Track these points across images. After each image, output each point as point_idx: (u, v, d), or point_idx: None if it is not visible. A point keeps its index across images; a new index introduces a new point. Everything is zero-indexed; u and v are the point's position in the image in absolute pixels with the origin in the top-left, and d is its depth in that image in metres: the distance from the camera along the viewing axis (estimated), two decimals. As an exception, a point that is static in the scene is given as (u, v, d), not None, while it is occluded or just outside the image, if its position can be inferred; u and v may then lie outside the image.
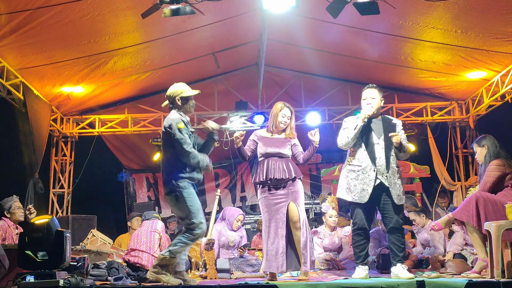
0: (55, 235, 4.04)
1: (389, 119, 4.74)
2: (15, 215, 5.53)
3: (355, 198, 4.50)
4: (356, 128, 4.52)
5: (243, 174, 10.78)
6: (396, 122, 4.74)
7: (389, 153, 4.54)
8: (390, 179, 4.47)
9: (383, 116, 4.72)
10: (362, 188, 4.47)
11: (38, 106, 7.64)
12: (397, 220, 4.46)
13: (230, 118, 9.25)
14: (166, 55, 7.72)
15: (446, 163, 9.14)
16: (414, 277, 4.13)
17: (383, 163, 4.49)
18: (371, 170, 4.47)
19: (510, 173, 4.51)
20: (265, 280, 4.51)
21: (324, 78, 9.00)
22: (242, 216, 6.39)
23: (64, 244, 4.04)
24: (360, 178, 4.50)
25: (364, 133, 4.57)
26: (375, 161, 4.49)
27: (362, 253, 4.54)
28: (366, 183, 4.47)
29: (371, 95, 4.61)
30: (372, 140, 4.56)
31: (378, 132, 4.59)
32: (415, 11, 6.17)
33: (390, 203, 4.47)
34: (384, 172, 4.48)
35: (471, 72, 7.73)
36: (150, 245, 5.08)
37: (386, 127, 4.61)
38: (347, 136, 4.56)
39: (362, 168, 4.50)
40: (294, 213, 4.52)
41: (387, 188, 4.46)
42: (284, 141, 4.73)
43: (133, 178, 10.79)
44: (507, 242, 4.02)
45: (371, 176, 4.46)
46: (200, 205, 4.23)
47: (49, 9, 5.59)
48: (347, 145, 4.60)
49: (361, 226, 4.55)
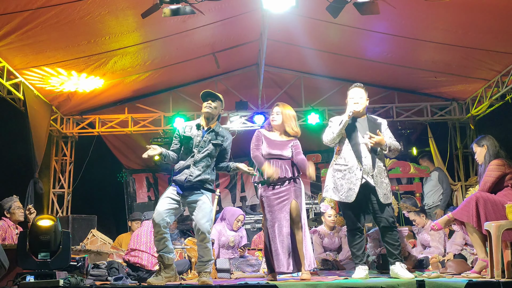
0: (62, 236, 4.05)
1: (374, 119, 4.75)
2: (15, 215, 5.53)
3: (342, 197, 4.50)
4: (341, 124, 4.52)
5: (243, 174, 10.77)
6: (381, 122, 4.74)
7: (375, 152, 4.55)
8: (377, 178, 4.47)
9: (368, 115, 4.74)
10: (348, 188, 4.47)
11: (38, 106, 7.64)
12: (387, 219, 4.44)
13: (230, 118, 9.26)
14: (166, 55, 7.72)
15: (446, 163, 9.15)
16: (414, 277, 4.13)
17: (369, 162, 4.48)
18: (357, 169, 4.47)
19: (510, 173, 4.51)
20: (266, 279, 4.51)
21: (324, 78, 9.00)
22: (242, 216, 6.40)
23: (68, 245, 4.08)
24: (346, 178, 4.50)
25: (349, 133, 4.58)
26: (361, 160, 4.49)
27: (359, 252, 4.54)
28: (353, 182, 4.46)
29: (359, 95, 4.63)
30: (358, 140, 4.56)
31: (363, 131, 4.59)
32: (415, 11, 6.17)
33: (377, 202, 4.47)
34: (370, 171, 4.47)
35: (471, 72, 7.73)
36: (150, 245, 5.08)
37: (371, 126, 4.62)
38: (332, 131, 4.58)
39: (348, 168, 4.50)
40: (296, 212, 4.52)
41: (373, 187, 4.46)
42: (286, 143, 4.75)
43: (133, 178, 10.80)
44: (507, 242, 4.02)
45: (358, 175, 4.46)
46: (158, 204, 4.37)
47: (49, 9, 5.59)
48: (332, 141, 4.61)
49: (353, 226, 4.57)
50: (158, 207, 4.30)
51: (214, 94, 4.49)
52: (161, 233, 4.28)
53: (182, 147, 4.49)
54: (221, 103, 4.55)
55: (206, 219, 4.31)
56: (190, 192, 4.37)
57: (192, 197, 4.36)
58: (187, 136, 4.45)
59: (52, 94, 7.98)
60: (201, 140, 4.41)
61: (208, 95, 4.48)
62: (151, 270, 4.95)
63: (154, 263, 4.98)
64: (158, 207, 4.30)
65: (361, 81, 4.99)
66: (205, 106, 4.45)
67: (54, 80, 7.46)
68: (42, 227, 4.03)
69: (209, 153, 4.41)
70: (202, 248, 4.33)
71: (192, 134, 4.45)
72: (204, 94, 4.49)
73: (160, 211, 4.27)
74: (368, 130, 4.57)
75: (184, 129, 4.51)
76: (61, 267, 4.01)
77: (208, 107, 4.44)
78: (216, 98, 4.48)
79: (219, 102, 4.51)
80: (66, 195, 9.27)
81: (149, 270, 4.97)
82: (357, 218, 4.56)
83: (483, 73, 7.76)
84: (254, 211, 9.80)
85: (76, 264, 4.68)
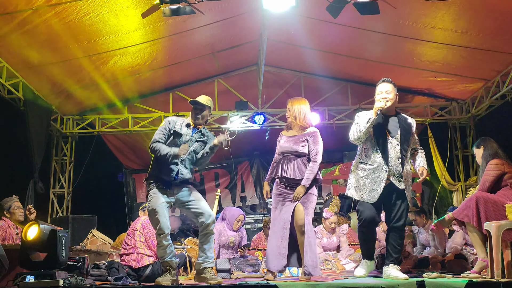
0: (50, 236, 4.01)
1: (405, 118, 4.48)
2: (14, 215, 5.52)
3: (363, 197, 4.32)
4: (368, 122, 4.26)
5: (243, 174, 10.78)
6: (411, 122, 4.49)
7: (403, 153, 4.32)
8: (403, 181, 4.30)
9: (398, 113, 4.48)
10: (371, 188, 4.28)
11: (38, 106, 7.64)
12: (403, 222, 4.34)
13: (230, 118, 9.25)
14: (166, 55, 7.73)
15: (446, 163, 9.15)
16: (408, 278, 4.11)
17: (396, 163, 4.28)
18: (382, 170, 4.27)
19: (508, 172, 4.50)
20: (264, 276, 4.51)
21: (324, 78, 9.00)
22: (242, 216, 6.39)
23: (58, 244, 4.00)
24: (370, 178, 4.30)
25: (377, 131, 4.34)
26: (387, 160, 4.27)
27: (367, 246, 4.45)
28: (377, 183, 4.27)
29: (386, 89, 4.36)
30: (386, 139, 4.33)
31: (392, 130, 4.35)
32: (415, 11, 6.17)
33: (400, 204, 4.32)
34: (395, 173, 4.28)
35: (471, 72, 7.73)
36: (132, 244, 5.06)
37: (401, 125, 4.38)
38: (359, 130, 4.31)
39: (373, 168, 4.29)
40: (300, 216, 4.45)
41: (401, 190, 4.30)
42: (299, 137, 4.61)
43: (133, 178, 10.80)
44: (507, 242, 4.01)
45: (382, 176, 4.26)
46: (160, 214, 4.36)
47: (49, 9, 5.60)
48: (358, 139, 4.36)
49: (368, 221, 4.35)
50: (162, 218, 4.28)
51: (201, 105, 4.48)
52: (168, 239, 4.33)
53: (168, 141, 4.48)
54: (210, 109, 4.55)
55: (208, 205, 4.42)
56: (179, 188, 4.39)
57: (183, 193, 4.39)
58: (178, 132, 4.46)
59: (52, 94, 7.98)
60: (190, 139, 4.45)
61: (196, 104, 4.49)
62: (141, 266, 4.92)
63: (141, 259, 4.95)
64: (162, 218, 4.28)
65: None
66: (193, 116, 4.50)
67: (54, 80, 7.46)
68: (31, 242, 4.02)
69: (194, 150, 4.47)
70: (207, 237, 4.35)
71: (183, 131, 4.46)
72: (192, 102, 4.51)
73: (165, 221, 4.29)
74: (398, 130, 4.36)
75: (175, 124, 4.51)
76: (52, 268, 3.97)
77: (195, 118, 4.50)
78: (203, 109, 4.48)
79: (208, 109, 4.52)
80: (66, 195, 9.27)
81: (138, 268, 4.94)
82: (373, 213, 4.35)
83: (483, 73, 7.76)
84: (254, 211, 9.80)
85: (76, 264, 4.67)
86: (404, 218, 4.37)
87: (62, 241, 4.06)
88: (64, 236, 4.09)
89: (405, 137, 4.38)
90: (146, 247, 4.98)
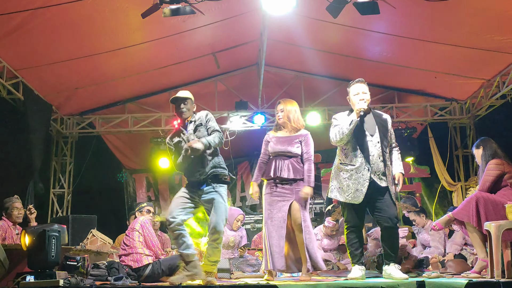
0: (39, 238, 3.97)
1: (379, 114, 4.53)
2: (11, 217, 5.53)
3: (348, 198, 4.30)
4: (351, 124, 4.29)
5: (243, 174, 10.78)
6: (387, 118, 4.52)
7: (383, 150, 4.34)
8: (387, 178, 4.32)
9: (372, 111, 4.52)
10: (356, 189, 4.27)
11: (38, 106, 7.64)
12: (391, 219, 4.30)
13: (230, 118, 9.25)
14: (166, 55, 7.73)
15: (446, 163, 9.15)
16: (408, 278, 4.11)
17: (377, 161, 4.30)
18: (365, 169, 4.27)
19: (508, 172, 4.51)
20: (264, 276, 4.51)
21: (324, 78, 9.01)
22: (242, 216, 6.39)
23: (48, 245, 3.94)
24: (354, 178, 4.29)
25: (356, 130, 4.34)
26: (368, 159, 4.28)
27: (357, 251, 4.40)
28: (361, 183, 4.26)
29: (363, 90, 4.40)
30: (365, 137, 4.34)
31: (370, 128, 4.37)
32: (415, 11, 6.17)
33: (386, 202, 4.31)
34: (377, 171, 4.30)
35: (471, 72, 7.73)
36: (131, 244, 5.06)
37: (378, 122, 4.41)
38: (342, 132, 4.32)
39: (356, 168, 4.29)
40: (296, 214, 4.48)
41: (384, 187, 4.31)
42: (293, 138, 4.67)
43: (133, 178, 10.80)
44: (507, 242, 4.01)
45: (365, 175, 4.26)
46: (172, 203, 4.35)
47: (49, 9, 5.59)
48: (341, 141, 4.36)
49: (353, 225, 4.41)
50: (170, 206, 4.28)
51: (182, 98, 4.45)
52: (175, 230, 4.21)
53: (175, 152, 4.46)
54: (192, 100, 4.52)
55: (222, 219, 4.26)
56: (203, 189, 4.33)
57: (206, 196, 4.31)
58: (176, 142, 4.42)
59: (52, 94, 7.98)
60: (188, 135, 4.38)
61: (177, 100, 4.46)
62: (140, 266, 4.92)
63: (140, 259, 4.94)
64: (170, 206, 4.28)
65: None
66: (180, 112, 4.44)
67: (54, 80, 7.46)
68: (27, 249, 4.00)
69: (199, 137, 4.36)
70: (213, 248, 4.27)
71: (180, 138, 4.40)
72: (173, 100, 4.47)
73: (171, 209, 4.26)
74: (375, 127, 4.39)
75: (170, 140, 4.48)
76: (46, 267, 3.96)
77: (183, 113, 4.44)
78: (185, 101, 4.46)
79: (189, 100, 4.49)
80: (66, 195, 9.27)
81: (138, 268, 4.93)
82: (358, 217, 4.40)
83: (483, 73, 7.76)
84: (254, 211, 9.80)
85: (76, 264, 4.67)
86: (393, 215, 4.32)
87: (52, 241, 3.98)
88: (54, 235, 4.01)
89: (384, 134, 4.42)
90: (145, 247, 4.98)
